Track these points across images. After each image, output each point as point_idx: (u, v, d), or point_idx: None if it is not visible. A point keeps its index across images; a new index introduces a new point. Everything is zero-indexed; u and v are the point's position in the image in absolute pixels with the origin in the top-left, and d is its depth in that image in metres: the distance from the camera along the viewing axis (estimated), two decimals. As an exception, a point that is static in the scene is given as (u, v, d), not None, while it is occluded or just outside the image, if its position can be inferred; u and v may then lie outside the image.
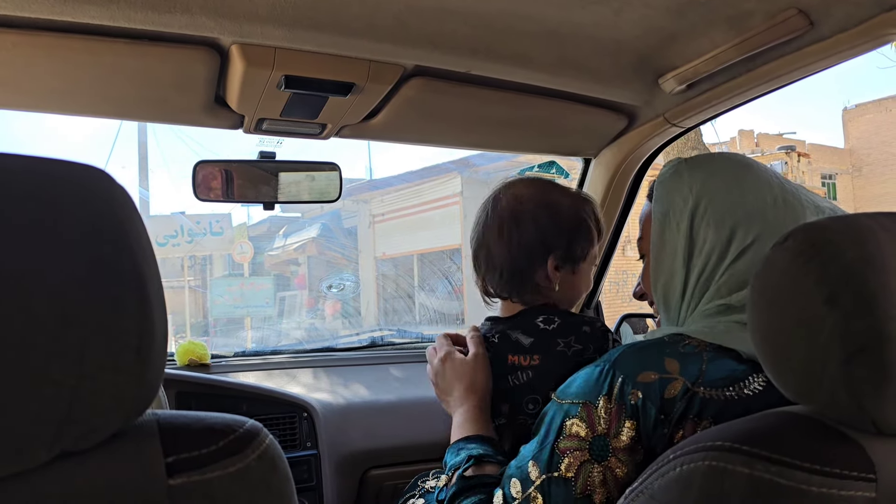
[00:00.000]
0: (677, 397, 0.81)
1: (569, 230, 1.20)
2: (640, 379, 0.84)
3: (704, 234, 0.96)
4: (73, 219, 0.51)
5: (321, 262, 13.28)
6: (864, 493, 0.60)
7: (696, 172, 1.01)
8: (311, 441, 1.70)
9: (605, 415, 0.84)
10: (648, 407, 0.82)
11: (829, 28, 1.12)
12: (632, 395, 0.83)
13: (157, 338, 0.55)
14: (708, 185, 0.98)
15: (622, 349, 0.90)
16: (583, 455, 0.85)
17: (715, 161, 1.04)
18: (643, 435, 0.82)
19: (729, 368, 0.84)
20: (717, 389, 0.81)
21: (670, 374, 0.83)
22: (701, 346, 0.87)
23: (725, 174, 1.00)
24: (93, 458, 0.54)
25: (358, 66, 1.22)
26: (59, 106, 1.31)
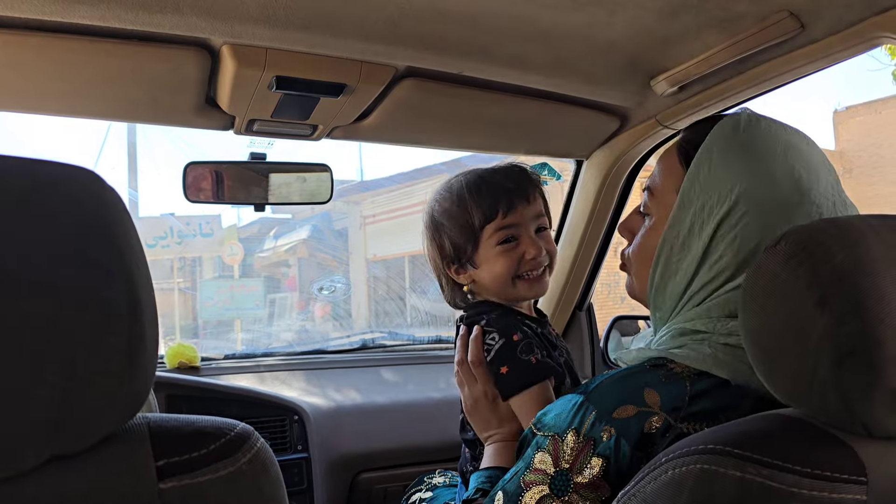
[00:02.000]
0: (657, 434, 0.76)
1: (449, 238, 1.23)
2: (615, 415, 0.79)
3: (724, 249, 0.87)
4: (63, 221, 0.51)
5: (312, 263, 13.23)
6: (855, 495, 0.60)
7: (748, 161, 0.88)
8: (302, 444, 1.69)
9: (571, 450, 0.81)
10: (622, 444, 0.77)
11: (820, 31, 1.13)
12: (604, 431, 0.79)
13: (148, 340, 0.55)
14: (756, 187, 0.86)
15: (601, 379, 0.85)
16: (542, 489, 0.82)
17: (779, 144, 0.89)
18: (613, 473, 0.77)
19: (715, 398, 0.79)
20: (703, 423, 0.77)
21: (650, 408, 0.78)
22: (685, 371, 0.82)
23: (785, 173, 0.86)
24: (83, 462, 0.54)
25: (350, 67, 1.22)
26: (47, 107, 1.30)
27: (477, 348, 1.17)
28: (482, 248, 1.20)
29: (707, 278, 0.88)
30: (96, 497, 0.53)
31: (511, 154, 1.83)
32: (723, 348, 0.82)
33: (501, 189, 1.19)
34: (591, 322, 2.08)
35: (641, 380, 0.82)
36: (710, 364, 0.81)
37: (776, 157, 0.87)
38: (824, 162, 0.90)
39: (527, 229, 1.20)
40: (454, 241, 1.22)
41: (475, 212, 1.19)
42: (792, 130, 0.92)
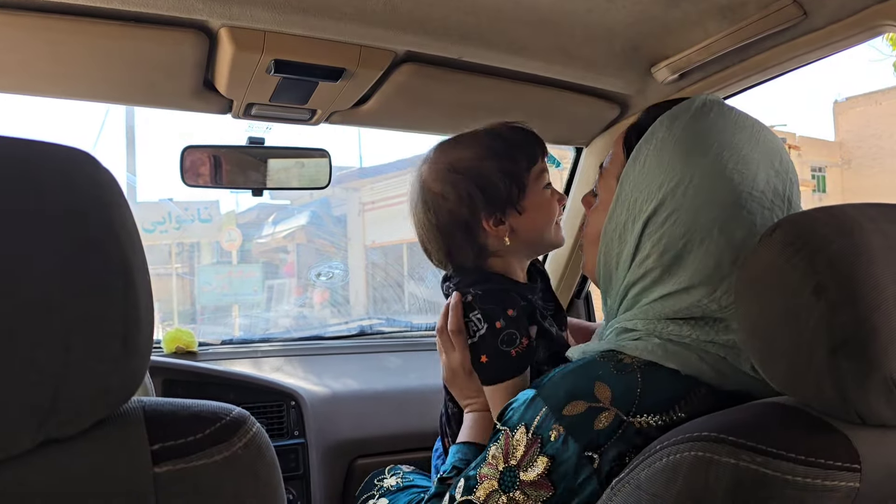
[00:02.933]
0: (608, 431, 0.75)
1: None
2: (565, 412, 0.78)
3: (650, 249, 0.85)
4: (57, 203, 0.50)
5: (310, 250, 13.23)
6: (849, 483, 0.60)
7: (679, 158, 0.84)
8: (299, 430, 1.69)
9: (521, 446, 0.80)
10: (570, 446, 0.76)
11: (822, 18, 1.12)
12: (553, 430, 0.78)
13: (144, 325, 0.54)
14: (682, 187, 0.84)
15: (553, 374, 0.84)
16: (492, 484, 0.82)
17: (716, 141, 0.85)
18: (558, 473, 0.76)
19: (667, 389, 0.78)
20: (655, 416, 0.75)
21: (600, 403, 0.76)
22: (635, 362, 0.80)
23: (716, 173, 0.83)
24: (77, 446, 0.54)
25: (348, 51, 1.21)
26: (42, 88, 1.29)
27: (456, 317, 1.12)
28: (530, 192, 1.14)
29: (636, 276, 0.87)
30: (91, 481, 0.53)
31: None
32: (670, 341, 0.81)
33: (527, 134, 1.18)
34: (589, 310, 2.08)
35: (593, 372, 0.80)
36: (660, 355, 0.80)
37: (708, 156, 0.83)
38: (771, 163, 0.86)
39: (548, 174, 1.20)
40: (495, 189, 1.12)
41: (521, 155, 1.14)
42: (743, 125, 0.87)
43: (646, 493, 0.65)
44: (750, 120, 0.89)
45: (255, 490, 0.61)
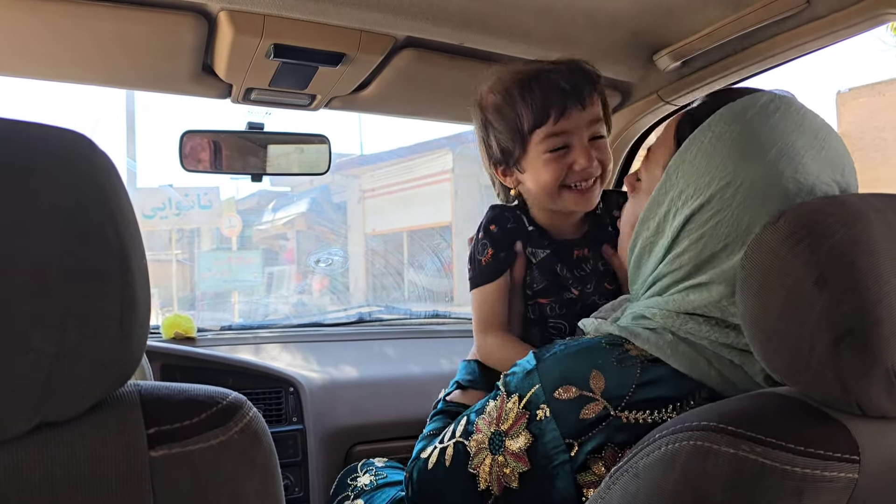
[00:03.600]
0: (592, 422, 0.75)
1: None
2: (556, 395, 0.78)
3: (688, 245, 0.82)
4: (53, 185, 0.50)
5: (310, 236, 13.22)
6: (848, 473, 0.60)
7: (734, 157, 0.79)
8: (297, 416, 1.70)
9: (511, 415, 0.81)
10: (552, 429, 0.77)
11: (825, 7, 1.11)
12: (540, 409, 0.79)
13: (140, 308, 0.54)
14: (732, 189, 0.79)
15: (557, 349, 0.84)
16: (483, 441, 0.84)
17: (776, 145, 0.78)
18: (536, 452, 0.78)
19: (666, 387, 0.77)
20: (644, 413, 0.75)
21: (591, 394, 0.76)
22: (641, 355, 0.79)
23: (770, 180, 0.77)
24: (74, 429, 0.54)
25: (348, 36, 1.20)
26: (42, 71, 1.29)
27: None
28: (530, 153, 1.11)
29: (669, 269, 0.84)
30: (86, 464, 0.53)
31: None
32: (683, 341, 0.80)
33: (556, 90, 1.06)
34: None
35: (594, 359, 0.80)
36: (668, 353, 0.78)
37: (765, 161, 0.78)
38: (832, 174, 0.79)
39: (580, 137, 1.08)
40: (501, 143, 1.13)
41: (525, 114, 1.08)
42: (808, 129, 0.81)
43: (644, 482, 0.65)
44: (818, 122, 0.83)
45: (251, 475, 0.61)
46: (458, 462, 0.87)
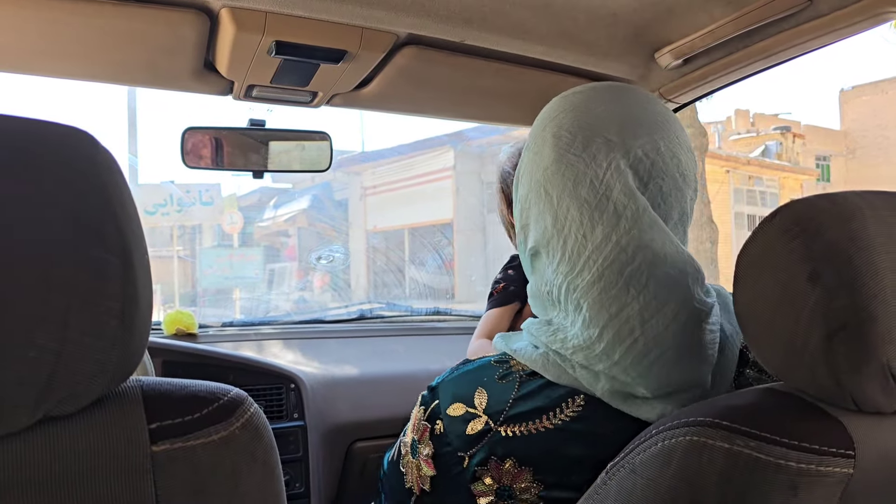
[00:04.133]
0: (476, 436, 0.78)
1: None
2: (448, 411, 0.81)
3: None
4: (55, 181, 0.50)
5: (311, 233, 13.24)
6: (843, 469, 0.60)
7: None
8: (298, 412, 1.70)
9: (419, 425, 0.84)
10: (449, 440, 0.80)
11: (827, 5, 1.11)
12: (437, 423, 0.82)
13: (142, 304, 0.54)
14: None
15: (449, 373, 0.87)
16: (407, 444, 0.87)
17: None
18: (437, 460, 0.81)
19: (541, 398, 0.78)
20: (522, 425, 0.76)
21: (475, 411, 0.79)
22: (521, 370, 0.81)
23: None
24: (76, 424, 0.54)
25: (350, 33, 1.20)
26: (42, 68, 1.29)
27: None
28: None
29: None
30: (88, 459, 0.53)
31: (512, 125, 1.82)
32: (554, 352, 0.81)
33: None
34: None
35: (480, 377, 0.82)
36: (540, 364, 0.80)
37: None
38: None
39: None
40: (508, 191, 1.35)
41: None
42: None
43: (640, 478, 0.66)
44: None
45: (252, 470, 0.61)
46: (397, 458, 0.91)
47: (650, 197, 0.78)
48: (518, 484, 0.76)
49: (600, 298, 0.75)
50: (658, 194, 0.79)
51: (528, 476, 0.76)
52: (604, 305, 0.75)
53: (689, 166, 0.82)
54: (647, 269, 0.74)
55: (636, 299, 0.74)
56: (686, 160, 0.82)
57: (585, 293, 0.76)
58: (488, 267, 12.02)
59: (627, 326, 0.74)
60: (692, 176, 0.83)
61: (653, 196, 0.78)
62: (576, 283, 0.77)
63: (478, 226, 12.35)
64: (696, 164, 0.85)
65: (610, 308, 0.74)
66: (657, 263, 0.75)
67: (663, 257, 0.75)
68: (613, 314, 0.74)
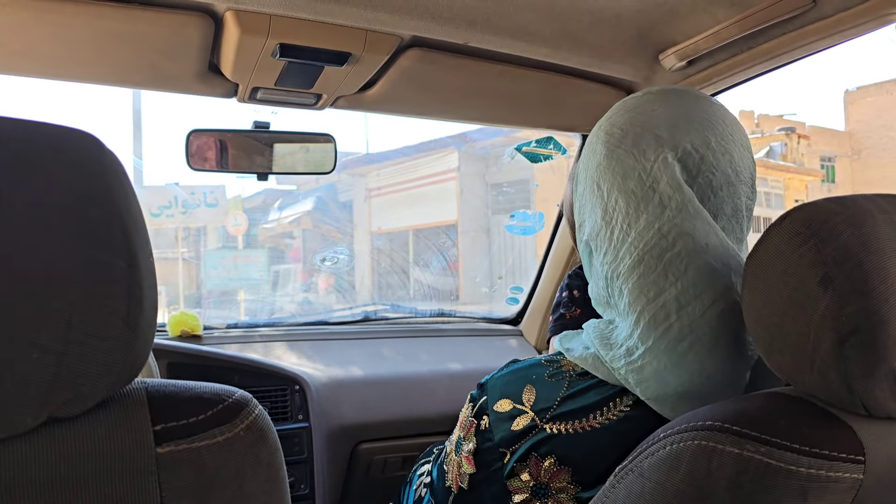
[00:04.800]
0: (520, 433, 0.79)
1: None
2: (495, 407, 0.83)
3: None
4: (61, 183, 0.50)
5: (316, 235, 13.24)
6: (853, 474, 0.60)
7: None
8: (303, 414, 1.70)
9: (467, 421, 0.87)
10: (493, 435, 0.81)
11: (831, 6, 1.11)
12: (484, 418, 0.83)
13: (147, 306, 0.54)
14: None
15: (505, 370, 0.89)
16: (453, 442, 0.89)
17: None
18: (479, 455, 0.82)
19: (589, 397, 0.79)
20: (567, 423, 0.77)
21: (522, 407, 0.81)
22: (571, 369, 0.83)
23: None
24: (80, 425, 0.54)
25: (354, 36, 1.21)
26: (46, 70, 1.29)
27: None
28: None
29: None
30: (93, 460, 0.54)
31: (516, 127, 1.82)
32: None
33: None
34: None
35: (530, 375, 0.84)
36: (590, 363, 0.81)
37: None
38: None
39: None
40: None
41: None
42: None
43: (649, 481, 0.65)
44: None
45: (257, 472, 0.61)
46: (443, 458, 0.93)
47: (699, 190, 0.79)
48: (555, 483, 0.77)
49: (639, 283, 0.76)
50: (708, 188, 0.80)
51: (566, 476, 0.77)
52: (642, 290, 0.76)
53: (743, 163, 0.82)
54: (687, 256, 0.75)
55: (674, 285, 0.75)
56: (739, 157, 0.82)
57: (626, 279, 0.78)
58: (492, 268, 12.01)
59: (664, 311, 0.75)
60: (747, 174, 0.83)
61: (702, 190, 0.79)
62: (619, 271, 0.79)
63: (482, 227, 12.34)
64: (753, 163, 0.85)
65: (648, 293, 0.76)
66: (697, 252, 0.76)
67: (704, 247, 0.76)
68: (651, 298, 0.76)
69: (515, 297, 2.34)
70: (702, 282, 0.75)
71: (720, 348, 0.74)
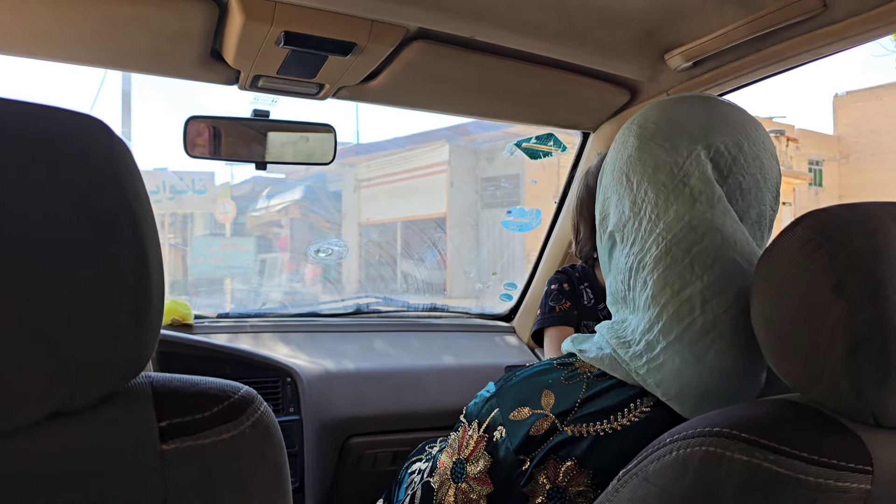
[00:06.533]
0: (541, 436, 0.78)
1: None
2: (511, 416, 0.82)
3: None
4: (70, 171, 0.49)
5: (304, 225, 13.19)
6: (860, 484, 0.60)
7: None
8: (294, 406, 1.69)
9: (472, 441, 0.85)
10: (507, 446, 0.80)
11: (842, 11, 1.11)
12: (498, 430, 0.82)
13: (154, 298, 0.53)
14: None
15: (511, 378, 0.88)
16: (446, 472, 0.87)
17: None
18: (496, 470, 0.81)
19: (609, 398, 0.79)
20: (590, 425, 0.77)
21: (542, 411, 0.80)
22: (587, 371, 0.83)
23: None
24: (84, 419, 0.53)
25: (360, 26, 1.19)
26: (48, 52, 1.27)
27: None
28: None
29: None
30: (97, 455, 0.52)
31: (519, 123, 1.82)
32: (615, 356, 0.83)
33: None
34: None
35: (545, 379, 0.84)
36: (607, 364, 0.81)
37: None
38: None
39: None
40: (589, 210, 1.41)
41: None
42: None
43: (654, 486, 0.65)
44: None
45: (260, 470, 0.60)
46: (425, 502, 0.91)
47: (728, 191, 0.79)
48: (574, 487, 0.76)
49: (664, 275, 0.76)
50: (737, 190, 0.80)
51: (586, 479, 0.76)
52: (667, 282, 0.76)
53: (770, 171, 0.83)
54: (715, 251, 0.75)
55: (700, 279, 0.75)
56: (768, 165, 0.82)
57: (652, 270, 0.77)
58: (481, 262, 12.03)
59: (688, 305, 0.75)
60: (774, 182, 0.83)
61: (731, 190, 0.80)
62: (645, 261, 0.78)
63: (471, 221, 12.35)
64: (780, 174, 0.86)
65: (673, 285, 0.76)
66: (725, 247, 0.76)
67: (732, 243, 0.76)
68: (675, 291, 0.75)
69: (509, 293, 2.34)
70: (727, 278, 0.75)
71: (741, 346, 0.74)
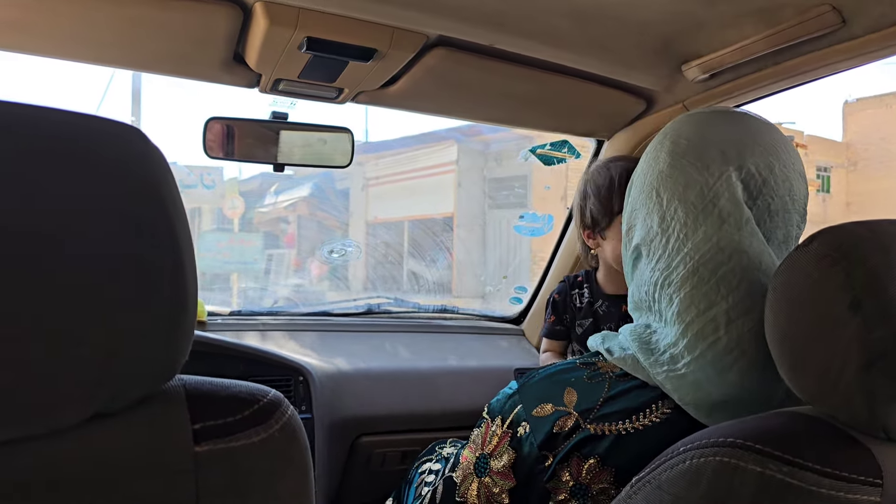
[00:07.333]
0: (565, 433, 0.80)
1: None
2: (535, 412, 0.83)
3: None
4: (108, 179, 0.50)
5: (311, 222, 13.21)
6: (870, 497, 0.60)
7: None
8: (306, 405, 1.70)
9: (495, 437, 0.86)
10: (532, 441, 0.82)
11: (861, 27, 1.11)
12: (522, 426, 0.84)
13: (189, 303, 0.55)
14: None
15: (537, 375, 0.89)
16: (469, 467, 0.89)
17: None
18: (519, 465, 0.83)
19: (630, 399, 0.81)
20: (610, 424, 0.79)
21: (565, 408, 0.82)
22: (610, 371, 0.84)
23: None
24: (121, 421, 0.54)
25: (381, 32, 1.21)
26: (75, 53, 1.28)
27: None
28: (613, 228, 1.43)
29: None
30: (132, 457, 0.54)
31: (534, 129, 1.82)
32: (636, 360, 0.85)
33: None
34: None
35: (568, 377, 0.85)
36: (629, 365, 0.83)
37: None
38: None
39: None
40: (593, 213, 1.45)
41: (616, 201, 1.40)
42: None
43: (667, 494, 0.66)
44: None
45: (288, 472, 0.61)
46: (447, 497, 0.92)
47: (757, 213, 0.81)
48: (596, 484, 0.78)
49: (691, 294, 0.78)
50: (765, 211, 0.81)
51: (608, 477, 0.78)
52: (693, 301, 0.78)
53: (799, 192, 0.84)
54: (741, 272, 0.77)
55: (725, 299, 0.76)
56: (797, 186, 0.84)
57: (679, 288, 0.79)
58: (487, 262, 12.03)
59: (713, 324, 0.76)
60: (802, 203, 0.85)
61: (760, 212, 0.81)
62: (671, 279, 0.80)
63: (478, 221, 12.34)
64: (808, 193, 0.87)
65: (699, 304, 0.77)
66: (751, 268, 0.77)
67: (758, 264, 0.77)
68: (701, 311, 0.77)
69: (519, 296, 2.35)
70: (752, 298, 0.76)
71: (763, 365, 0.75)
